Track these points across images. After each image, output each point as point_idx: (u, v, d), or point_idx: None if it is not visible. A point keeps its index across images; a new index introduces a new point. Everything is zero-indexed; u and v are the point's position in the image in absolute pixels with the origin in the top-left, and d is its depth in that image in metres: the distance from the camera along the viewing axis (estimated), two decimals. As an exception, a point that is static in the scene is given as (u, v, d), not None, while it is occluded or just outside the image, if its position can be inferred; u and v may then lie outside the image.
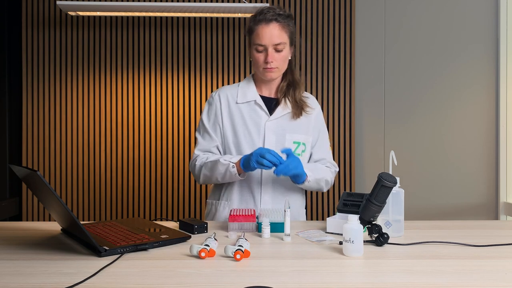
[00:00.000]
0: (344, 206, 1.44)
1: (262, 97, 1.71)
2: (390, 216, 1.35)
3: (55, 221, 1.43)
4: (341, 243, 1.20)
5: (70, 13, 2.74)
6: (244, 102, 1.70)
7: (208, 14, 2.78)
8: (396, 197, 1.36)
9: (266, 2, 2.93)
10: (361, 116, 3.12)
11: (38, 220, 3.08)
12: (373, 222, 1.25)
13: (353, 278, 1.00)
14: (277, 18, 1.60)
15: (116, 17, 3.05)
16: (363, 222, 1.24)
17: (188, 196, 3.09)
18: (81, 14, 2.77)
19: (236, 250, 1.10)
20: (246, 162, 1.53)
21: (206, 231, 1.41)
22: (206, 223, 1.42)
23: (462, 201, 3.07)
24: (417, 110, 3.09)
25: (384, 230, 1.29)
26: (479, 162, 3.06)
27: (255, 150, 1.51)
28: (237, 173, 1.58)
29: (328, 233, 1.40)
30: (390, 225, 1.35)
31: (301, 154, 1.68)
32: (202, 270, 1.04)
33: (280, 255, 1.18)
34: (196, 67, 3.08)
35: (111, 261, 1.09)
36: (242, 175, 1.60)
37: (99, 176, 3.07)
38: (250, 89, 1.71)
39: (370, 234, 1.25)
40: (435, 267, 1.06)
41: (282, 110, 1.69)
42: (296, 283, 0.95)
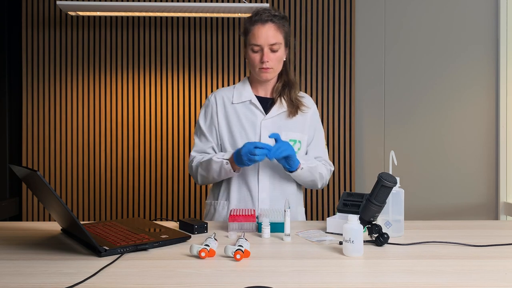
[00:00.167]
0: (344, 206, 1.44)
1: (258, 97, 1.73)
2: (390, 216, 1.35)
3: (55, 221, 1.43)
4: (341, 243, 1.20)
5: (70, 13, 2.74)
6: (239, 102, 1.72)
7: (208, 14, 2.78)
8: (396, 197, 1.36)
9: (266, 2, 2.94)
10: (361, 116, 3.12)
11: (38, 220, 3.08)
12: (373, 222, 1.25)
13: (353, 278, 1.00)
14: (272, 19, 1.64)
15: (116, 17, 3.05)
16: (363, 222, 1.24)
17: (188, 196, 3.09)
18: (81, 14, 2.77)
19: (236, 250, 1.10)
20: (238, 159, 1.55)
21: (206, 231, 1.41)
22: (206, 223, 1.42)
23: (462, 201, 3.07)
24: (417, 111, 3.09)
25: (384, 230, 1.29)
26: (479, 162, 3.06)
27: (243, 149, 1.52)
28: (231, 169, 1.60)
29: (328, 233, 1.40)
30: (390, 225, 1.35)
31: (296, 152, 1.69)
32: (202, 270, 1.04)
33: (280, 255, 1.18)
34: (196, 67, 3.08)
35: (111, 261, 1.09)
36: (238, 170, 1.62)
37: (99, 176, 3.07)
38: (246, 89, 1.74)
39: (370, 234, 1.25)
40: (435, 267, 1.06)
41: (278, 109, 1.71)
42: (296, 283, 0.95)
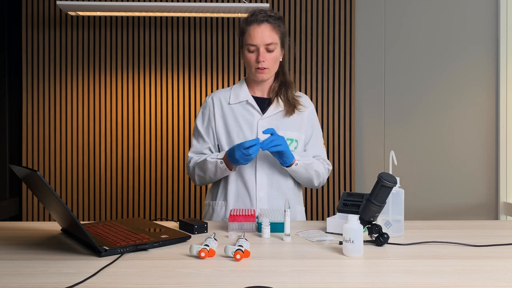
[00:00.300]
0: (344, 206, 1.44)
1: (255, 97, 1.75)
2: (390, 216, 1.35)
3: (55, 221, 1.43)
4: (341, 243, 1.20)
5: (70, 13, 2.74)
6: (236, 103, 1.73)
7: (208, 14, 2.78)
8: (396, 197, 1.36)
9: (266, 2, 2.94)
10: (361, 116, 3.12)
11: (38, 220, 3.08)
12: (373, 222, 1.25)
13: (353, 278, 1.00)
14: (268, 19, 1.65)
15: (116, 17, 3.05)
16: (363, 222, 1.24)
17: (188, 196, 3.09)
18: (81, 14, 2.77)
19: (236, 250, 1.10)
20: (234, 161, 1.56)
21: (206, 231, 1.41)
22: (206, 223, 1.42)
23: (462, 201, 3.07)
24: (417, 111, 3.09)
25: (384, 230, 1.29)
26: (479, 162, 3.06)
27: (236, 154, 1.53)
28: (226, 168, 1.61)
29: (328, 233, 1.40)
30: (390, 225, 1.35)
31: (293, 151, 1.70)
32: (202, 270, 1.04)
33: (280, 255, 1.18)
34: (196, 67, 3.08)
35: (111, 261, 1.09)
36: (234, 168, 1.64)
37: (99, 176, 3.07)
38: (243, 90, 1.76)
39: (370, 234, 1.25)
40: (435, 267, 1.06)
41: (275, 108, 1.72)
42: (296, 283, 0.95)
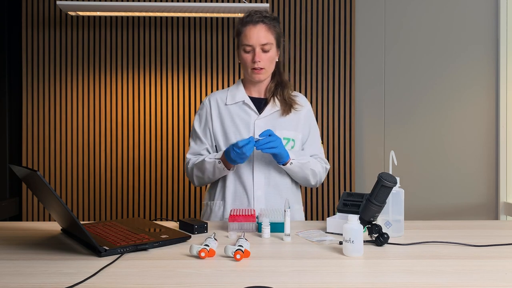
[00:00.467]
0: (344, 206, 1.44)
1: (251, 97, 1.76)
2: (390, 216, 1.35)
3: (55, 221, 1.43)
4: (341, 243, 1.20)
5: (70, 13, 2.74)
6: (233, 103, 1.75)
7: (208, 14, 2.78)
8: (396, 197, 1.36)
9: (266, 2, 2.94)
10: (361, 116, 3.12)
11: (38, 220, 3.08)
12: (373, 222, 1.25)
13: (353, 278, 1.00)
14: (263, 20, 1.67)
15: (116, 17, 3.05)
16: (363, 222, 1.24)
17: (188, 196, 3.09)
18: (81, 14, 2.77)
19: (236, 250, 1.10)
20: (231, 160, 1.57)
21: (206, 231, 1.41)
22: (206, 223, 1.42)
23: (462, 201, 3.07)
24: (417, 111, 3.09)
25: (384, 230, 1.29)
26: (479, 162, 3.06)
27: (231, 155, 1.54)
28: (224, 167, 1.63)
29: (328, 233, 1.40)
30: (390, 225, 1.35)
31: (290, 150, 1.70)
32: (202, 270, 1.04)
33: (280, 255, 1.18)
34: (196, 67, 3.08)
35: (111, 261, 1.09)
36: (232, 168, 1.65)
37: (99, 176, 3.07)
38: (239, 90, 1.77)
39: (370, 234, 1.25)
40: (435, 267, 1.06)
41: (271, 108, 1.73)
42: (296, 283, 0.95)
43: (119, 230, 1.35)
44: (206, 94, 3.08)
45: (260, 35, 1.64)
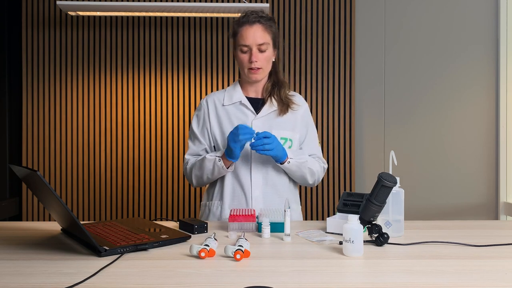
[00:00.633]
0: (344, 206, 1.44)
1: (249, 98, 1.77)
2: (390, 216, 1.35)
3: (55, 221, 1.43)
4: (341, 243, 1.20)
5: (70, 13, 2.74)
6: (230, 104, 1.75)
7: (208, 14, 2.78)
8: (396, 197, 1.36)
9: (266, 2, 2.94)
10: (361, 116, 3.12)
11: (38, 220, 3.08)
12: (373, 222, 1.25)
13: (353, 278, 1.00)
14: (259, 20, 1.68)
15: (116, 17, 3.05)
16: (363, 222, 1.24)
17: (188, 196, 3.09)
18: (81, 14, 2.77)
19: (236, 250, 1.10)
20: (229, 151, 1.58)
21: (206, 231, 1.41)
22: (206, 223, 1.42)
23: (462, 201, 3.07)
24: (417, 111, 3.09)
25: (384, 230, 1.29)
26: (479, 162, 3.06)
27: (229, 135, 1.56)
28: (224, 166, 1.62)
29: (328, 233, 1.40)
30: (390, 225, 1.35)
31: (288, 150, 1.70)
32: (202, 270, 1.04)
33: (280, 255, 1.18)
34: (196, 67, 3.08)
35: (111, 261, 1.09)
36: (231, 168, 1.65)
37: (99, 176, 3.07)
38: (236, 91, 1.78)
39: (370, 234, 1.25)
40: (435, 267, 1.06)
41: (268, 108, 1.74)
42: (296, 283, 0.95)
43: (119, 230, 1.35)
44: (206, 94, 3.08)
45: (256, 35, 1.65)
